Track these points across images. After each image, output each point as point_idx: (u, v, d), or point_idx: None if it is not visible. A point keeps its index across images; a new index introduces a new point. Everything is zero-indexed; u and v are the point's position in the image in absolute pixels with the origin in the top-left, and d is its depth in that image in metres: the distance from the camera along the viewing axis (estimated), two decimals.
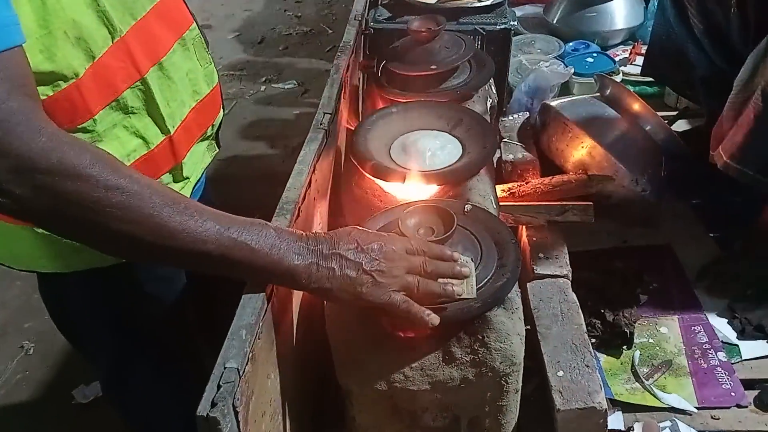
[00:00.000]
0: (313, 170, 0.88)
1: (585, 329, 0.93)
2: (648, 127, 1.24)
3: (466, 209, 0.89)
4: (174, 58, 0.87)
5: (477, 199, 0.99)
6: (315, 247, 0.68)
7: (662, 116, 1.63)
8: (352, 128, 1.13)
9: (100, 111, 0.78)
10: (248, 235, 0.65)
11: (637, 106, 1.25)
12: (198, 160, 0.99)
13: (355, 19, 1.33)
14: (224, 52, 3.67)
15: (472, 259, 0.80)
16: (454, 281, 0.75)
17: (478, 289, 0.76)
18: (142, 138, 0.85)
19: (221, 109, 1.04)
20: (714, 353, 1.08)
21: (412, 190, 0.98)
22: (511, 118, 1.41)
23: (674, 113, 1.65)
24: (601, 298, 1.18)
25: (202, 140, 0.98)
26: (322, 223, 0.97)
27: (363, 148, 1.03)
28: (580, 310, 0.96)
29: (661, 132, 1.24)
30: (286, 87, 3.34)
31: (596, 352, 1.08)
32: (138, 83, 0.82)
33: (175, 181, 0.93)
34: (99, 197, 0.59)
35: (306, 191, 0.83)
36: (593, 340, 1.06)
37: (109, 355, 1.09)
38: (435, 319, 0.70)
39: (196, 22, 0.91)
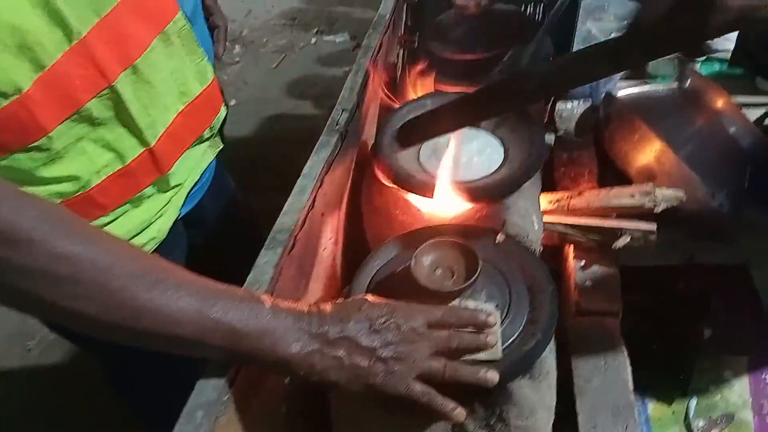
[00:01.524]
0: (321, 184, 0.75)
1: (632, 387, 0.78)
2: (732, 129, 1.05)
3: (498, 240, 0.75)
4: (152, 58, 0.73)
5: (515, 219, 0.84)
6: (319, 330, 0.56)
7: (753, 102, 1.43)
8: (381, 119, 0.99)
9: (57, 126, 0.66)
10: (235, 315, 0.53)
11: (721, 103, 1.05)
12: (194, 165, 0.87)
13: None
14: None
15: (497, 306, 0.67)
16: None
17: (501, 350, 0.63)
18: (115, 151, 0.73)
19: (223, 107, 0.91)
20: None
21: (439, 204, 0.85)
22: (569, 105, 1.23)
23: (765, 98, 1.43)
24: (656, 329, 1.03)
25: (197, 144, 0.86)
26: (334, 238, 0.85)
27: (387, 149, 0.90)
28: (628, 362, 0.81)
29: (748, 136, 1.04)
30: (337, 40, 3.18)
31: (644, 398, 0.94)
32: (105, 92, 0.69)
33: (161, 191, 0.82)
34: (42, 268, 0.47)
35: (308, 213, 0.71)
36: (643, 379, 0.92)
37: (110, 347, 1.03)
38: (461, 415, 0.57)
39: (183, 11, 0.77)
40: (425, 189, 0.83)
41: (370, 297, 0.62)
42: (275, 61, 3.04)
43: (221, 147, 0.94)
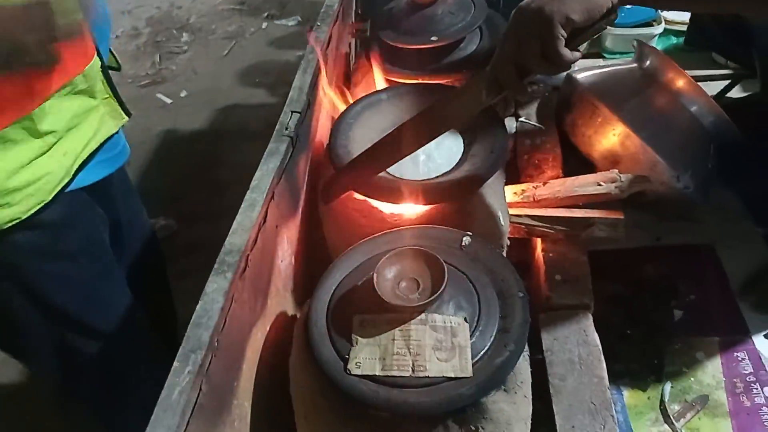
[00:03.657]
0: (272, 196, 0.70)
1: (607, 383, 0.76)
2: (694, 108, 1.03)
3: (463, 243, 0.72)
4: None
5: (481, 215, 0.81)
6: None
7: (712, 74, 1.42)
8: (335, 117, 0.94)
9: None
10: None
11: (681, 82, 1.02)
12: (78, 121, 0.83)
13: None
14: None
15: (466, 320, 0.63)
16: (440, 355, 0.59)
17: (473, 364, 0.60)
18: None
19: (96, 57, 0.85)
20: (760, 388, 0.92)
21: (400, 207, 0.80)
22: (530, 90, 1.19)
23: (724, 72, 1.42)
24: (626, 315, 1.02)
25: (69, 94, 0.81)
26: (291, 248, 0.80)
27: (342, 149, 0.85)
28: (602, 356, 0.79)
29: (710, 114, 1.02)
30: (289, 24, 3.08)
31: (618, 386, 0.93)
32: None
33: (31, 136, 0.77)
34: None
35: (260, 229, 0.66)
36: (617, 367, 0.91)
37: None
38: None
39: None
40: (385, 192, 0.79)
41: None
42: (225, 48, 2.93)
43: (124, 120, 0.92)
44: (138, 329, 1.01)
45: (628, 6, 0.83)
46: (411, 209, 0.81)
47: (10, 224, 0.77)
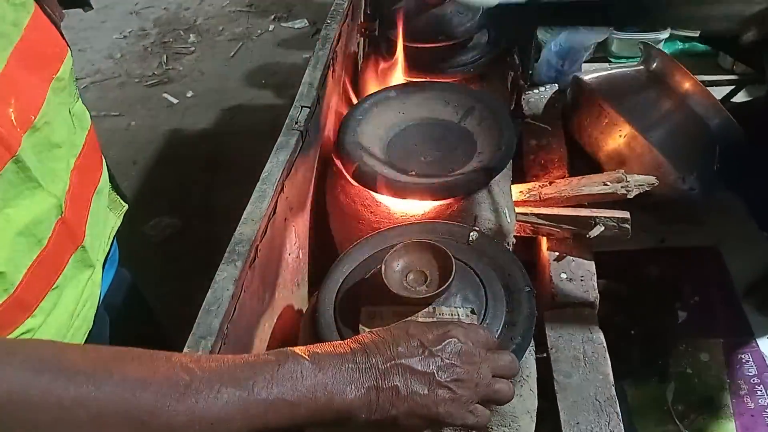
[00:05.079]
0: (281, 188, 0.71)
1: (612, 380, 0.77)
2: (700, 110, 1.03)
3: (471, 238, 0.72)
4: (48, 112, 0.61)
5: (487, 215, 0.81)
6: (367, 364, 0.50)
7: (716, 80, 1.42)
8: (344, 113, 0.94)
9: None
10: (280, 387, 0.46)
11: (688, 84, 1.03)
12: (101, 229, 0.74)
13: None
14: None
15: (473, 311, 0.64)
16: None
17: None
18: (32, 235, 0.59)
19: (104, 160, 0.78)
20: (764, 390, 0.92)
21: (407, 203, 0.81)
22: (536, 91, 1.20)
23: (730, 78, 1.43)
24: (631, 315, 1.02)
25: (96, 199, 0.73)
26: (299, 242, 0.80)
27: (351, 145, 0.86)
28: (607, 354, 0.79)
29: (716, 116, 1.03)
30: (296, 26, 3.10)
31: (623, 386, 0.93)
32: (9, 165, 0.55)
33: (82, 268, 0.69)
34: (54, 422, 0.39)
35: (269, 220, 0.67)
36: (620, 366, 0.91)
37: None
38: None
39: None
40: (393, 188, 0.80)
41: (413, 321, 0.57)
42: (232, 49, 2.95)
43: (125, 207, 0.83)
44: None
45: None
46: (418, 205, 0.82)
47: None
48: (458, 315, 0.63)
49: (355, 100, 1.00)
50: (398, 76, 0.99)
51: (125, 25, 3.18)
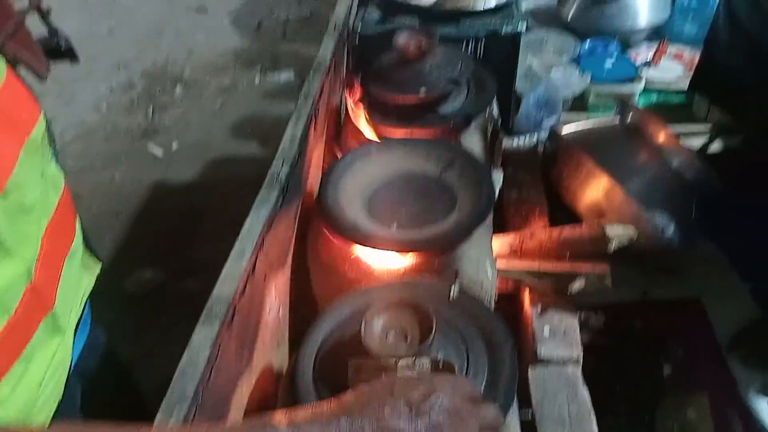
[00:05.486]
0: (262, 244, 0.70)
1: None
2: (676, 162, 1.05)
3: (452, 293, 0.72)
4: (20, 175, 0.59)
5: (468, 270, 0.81)
6: (352, 429, 0.48)
7: (692, 131, 1.45)
8: (326, 167, 0.95)
9: None
10: None
11: (663, 137, 1.05)
12: (73, 293, 0.72)
13: (334, 29, 1.14)
14: (218, 38, 3.48)
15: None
16: None
17: None
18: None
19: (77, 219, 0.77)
20: None
21: (389, 258, 0.81)
22: (515, 141, 1.22)
23: (703, 126, 1.46)
24: (616, 369, 1.01)
25: (68, 262, 0.71)
26: (279, 299, 0.79)
27: (331, 200, 0.86)
28: (592, 414, 0.78)
29: (692, 168, 1.04)
30: (282, 78, 3.14)
31: None
32: None
33: (51, 334, 0.66)
34: None
35: (248, 278, 0.66)
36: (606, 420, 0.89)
37: None
38: None
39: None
40: (373, 241, 0.79)
41: (397, 378, 0.55)
42: (218, 101, 2.98)
43: (99, 265, 0.81)
44: None
45: (609, 64, 0.85)
46: (398, 261, 0.81)
47: None
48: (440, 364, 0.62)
49: (338, 154, 1.01)
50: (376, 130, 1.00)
51: (112, 78, 3.21)
